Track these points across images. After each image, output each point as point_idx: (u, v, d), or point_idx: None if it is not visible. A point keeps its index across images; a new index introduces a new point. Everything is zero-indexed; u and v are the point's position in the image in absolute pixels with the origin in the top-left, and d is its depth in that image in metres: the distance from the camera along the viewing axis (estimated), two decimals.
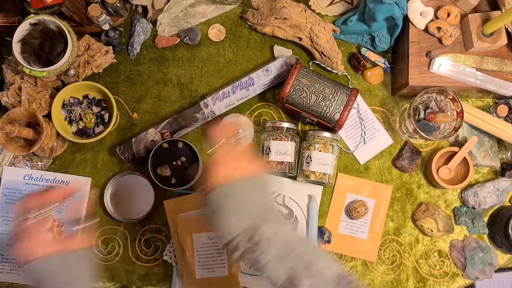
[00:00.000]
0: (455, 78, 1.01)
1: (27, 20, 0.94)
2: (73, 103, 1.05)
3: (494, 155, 1.08)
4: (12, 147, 0.98)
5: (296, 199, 1.06)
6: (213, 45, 1.11)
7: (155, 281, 1.05)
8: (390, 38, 1.07)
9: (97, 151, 1.08)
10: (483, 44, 0.99)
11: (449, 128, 1.01)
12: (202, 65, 1.11)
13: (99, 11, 0.98)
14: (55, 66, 0.95)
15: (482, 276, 1.05)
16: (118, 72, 1.10)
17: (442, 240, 1.08)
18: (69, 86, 1.02)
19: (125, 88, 1.10)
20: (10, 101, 1.02)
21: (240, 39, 1.12)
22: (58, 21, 0.94)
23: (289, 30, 1.07)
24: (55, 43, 0.96)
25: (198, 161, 1.00)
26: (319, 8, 1.09)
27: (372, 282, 1.07)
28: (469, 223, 1.08)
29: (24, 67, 0.94)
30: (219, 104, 1.04)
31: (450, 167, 1.06)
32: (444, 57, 1.01)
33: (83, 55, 1.03)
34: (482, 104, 1.12)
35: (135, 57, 1.10)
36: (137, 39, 1.08)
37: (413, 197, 1.09)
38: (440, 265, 1.08)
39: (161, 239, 1.06)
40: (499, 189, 1.07)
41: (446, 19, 1.01)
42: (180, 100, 1.10)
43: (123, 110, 1.09)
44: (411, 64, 1.01)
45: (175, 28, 1.10)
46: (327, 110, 1.00)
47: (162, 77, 1.10)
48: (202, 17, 1.10)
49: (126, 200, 1.05)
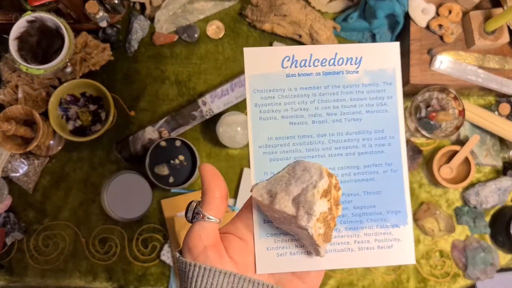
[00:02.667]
0: (457, 76, 1.00)
1: (24, 17, 0.93)
2: (70, 101, 1.05)
3: (496, 154, 1.07)
4: (8, 145, 0.97)
5: None
6: (211, 42, 1.10)
7: (152, 281, 1.04)
8: (391, 36, 1.06)
9: (94, 150, 1.07)
10: (485, 42, 0.98)
11: (451, 127, 1.00)
12: (201, 63, 1.10)
13: (97, 8, 0.97)
14: (52, 63, 0.94)
15: (484, 276, 1.04)
16: (115, 69, 1.09)
17: (443, 240, 1.07)
18: (66, 84, 1.01)
19: (122, 85, 1.09)
20: (6, 99, 1.01)
21: (239, 36, 1.10)
22: (55, 18, 0.93)
23: (288, 27, 1.06)
24: (52, 41, 0.95)
25: (196, 160, 1.00)
26: (319, 5, 1.08)
27: (373, 282, 1.06)
28: (471, 222, 1.07)
29: (21, 64, 0.93)
30: (217, 102, 1.03)
31: (451, 166, 1.05)
32: (446, 55, 1.00)
33: (80, 52, 1.03)
34: (484, 102, 1.11)
35: (133, 54, 1.09)
36: (135, 36, 1.07)
37: (414, 197, 1.08)
38: (441, 265, 1.07)
39: (159, 239, 1.05)
40: (501, 189, 1.06)
41: (447, 17, 1.00)
42: (178, 98, 1.09)
43: (121, 108, 1.08)
44: (412, 62, 1.00)
45: (173, 25, 1.09)
46: None
47: (160, 75, 1.09)
48: (201, 14, 1.09)
49: (123, 199, 1.04)
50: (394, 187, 0.52)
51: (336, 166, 0.51)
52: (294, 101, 0.51)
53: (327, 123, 0.51)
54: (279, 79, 0.50)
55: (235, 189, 1.06)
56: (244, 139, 1.02)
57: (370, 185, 0.52)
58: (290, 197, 0.45)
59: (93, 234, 1.05)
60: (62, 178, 1.06)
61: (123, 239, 1.05)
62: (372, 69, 0.52)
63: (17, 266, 1.05)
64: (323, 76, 0.51)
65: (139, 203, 1.03)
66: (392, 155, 0.52)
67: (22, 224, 1.04)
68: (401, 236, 0.52)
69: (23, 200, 1.06)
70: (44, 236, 1.05)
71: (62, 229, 1.05)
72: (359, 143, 0.52)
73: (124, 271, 1.04)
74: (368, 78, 0.52)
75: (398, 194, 0.52)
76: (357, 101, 0.52)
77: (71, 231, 1.05)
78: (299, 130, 0.51)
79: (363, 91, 0.52)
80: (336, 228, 0.49)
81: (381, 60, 0.52)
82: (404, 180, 0.52)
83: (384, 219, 0.52)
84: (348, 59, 0.52)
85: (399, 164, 0.52)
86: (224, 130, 1.00)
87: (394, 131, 0.52)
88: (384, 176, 0.52)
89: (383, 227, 0.51)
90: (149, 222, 1.05)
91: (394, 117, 0.52)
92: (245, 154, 1.07)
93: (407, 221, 0.51)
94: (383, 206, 0.52)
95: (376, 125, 0.52)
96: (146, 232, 1.05)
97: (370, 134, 0.52)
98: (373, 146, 0.52)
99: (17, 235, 1.03)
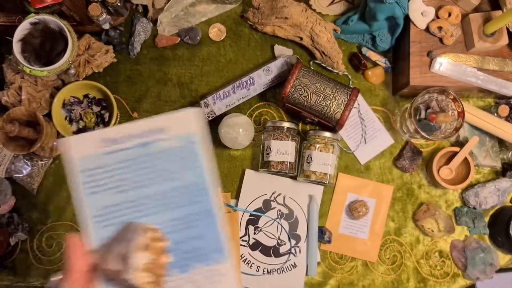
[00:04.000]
0: (456, 78, 1.01)
1: (27, 20, 0.94)
2: (73, 103, 1.05)
3: (495, 155, 1.08)
4: (12, 146, 0.98)
5: (296, 199, 1.06)
6: (213, 45, 1.11)
7: None
8: (391, 38, 1.07)
9: None
10: (484, 44, 0.99)
11: (450, 128, 1.01)
12: (203, 65, 1.11)
13: (100, 10, 0.98)
14: (56, 65, 0.94)
15: (483, 277, 1.05)
16: (118, 71, 1.10)
17: (443, 240, 1.08)
18: (69, 86, 1.02)
19: (125, 87, 1.09)
20: (10, 100, 1.02)
21: (240, 38, 1.11)
22: (58, 21, 0.94)
23: (289, 30, 1.07)
24: (55, 43, 0.96)
25: None
26: (320, 7, 1.09)
27: (373, 282, 1.06)
28: (470, 223, 1.07)
29: (24, 66, 0.94)
30: (219, 104, 1.04)
31: (451, 167, 1.06)
32: (445, 57, 1.00)
33: (83, 54, 1.03)
34: (483, 104, 1.11)
35: (136, 56, 1.10)
36: (138, 39, 1.08)
37: (414, 197, 1.09)
38: (441, 266, 1.08)
39: None
40: (500, 189, 1.07)
41: (447, 19, 1.00)
42: (180, 100, 1.10)
43: (123, 110, 1.09)
44: (412, 64, 1.01)
45: (176, 27, 1.09)
46: (328, 109, 1.00)
47: (162, 77, 1.10)
48: (203, 16, 1.10)
49: None
50: (212, 230, 0.61)
51: (161, 222, 0.60)
52: (116, 174, 0.59)
53: (147, 187, 0.60)
54: (100, 157, 0.59)
55: (237, 189, 1.07)
56: (246, 140, 1.02)
57: (193, 231, 0.61)
58: (117, 256, 0.54)
59: None
60: (65, 179, 1.06)
61: None
62: (181, 134, 0.61)
63: (21, 267, 1.05)
64: (138, 147, 0.60)
65: None
66: (207, 203, 0.61)
67: (25, 225, 1.05)
68: (226, 271, 0.61)
69: (27, 201, 1.06)
70: (48, 237, 1.06)
71: (66, 229, 1.06)
72: (178, 198, 0.61)
73: None
74: (178, 142, 0.61)
75: (217, 235, 0.61)
76: (172, 163, 0.61)
77: (75, 231, 1.06)
78: (125, 197, 0.59)
79: (176, 154, 0.61)
80: (169, 273, 0.58)
81: (187, 126, 0.61)
82: (218, 223, 0.61)
83: (209, 259, 0.61)
84: (159, 130, 0.61)
85: (213, 210, 0.61)
86: (226, 131, 1.01)
87: (205, 181, 0.61)
88: (203, 222, 0.61)
89: (209, 265, 0.61)
90: None
91: (204, 171, 0.61)
92: (247, 155, 1.08)
93: (227, 256, 0.61)
94: (207, 247, 0.61)
95: (191, 180, 0.61)
96: None
97: (186, 189, 0.61)
98: (191, 199, 0.61)
99: (21, 235, 1.04)
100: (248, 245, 1.05)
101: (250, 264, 1.05)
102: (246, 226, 1.06)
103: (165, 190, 0.60)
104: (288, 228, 1.06)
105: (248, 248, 1.05)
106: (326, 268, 1.06)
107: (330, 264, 1.06)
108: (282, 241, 1.05)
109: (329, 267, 1.06)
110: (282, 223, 1.06)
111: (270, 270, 1.05)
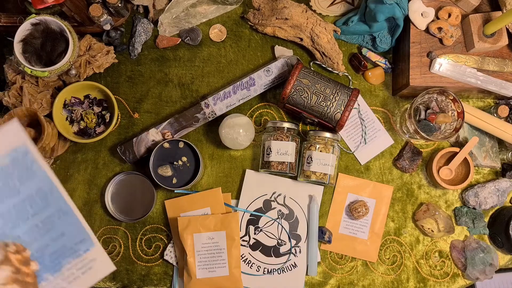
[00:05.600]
0: (456, 79, 1.01)
1: (28, 20, 0.94)
2: (74, 103, 1.06)
3: (494, 155, 1.08)
4: None
5: (296, 200, 1.07)
6: (214, 45, 1.11)
7: (155, 280, 1.06)
8: (391, 39, 1.07)
9: (98, 151, 1.08)
10: (484, 44, 0.99)
11: (450, 129, 1.01)
12: (203, 65, 1.11)
13: (100, 11, 0.98)
14: (57, 66, 0.95)
15: (483, 277, 1.05)
16: (119, 72, 1.10)
17: (442, 240, 1.08)
18: (70, 86, 1.02)
19: (126, 88, 1.10)
20: (11, 101, 1.02)
21: (241, 39, 1.12)
22: (59, 21, 0.94)
23: (290, 31, 1.08)
24: (56, 43, 0.96)
25: (199, 161, 1.01)
26: (320, 8, 1.09)
27: (373, 282, 1.07)
28: (470, 223, 1.08)
29: (25, 67, 0.94)
30: (220, 104, 1.04)
31: (451, 167, 1.06)
32: (445, 57, 1.01)
33: (84, 55, 1.04)
34: (483, 104, 1.12)
35: (136, 57, 1.10)
36: (138, 39, 1.08)
37: (414, 198, 1.09)
38: (441, 266, 1.08)
39: (162, 239, 1.06)
40: (500, 190, 1.07)
41: (447, 20, 1.01)
42: (181, 100, 1.10)
43: (124, 110, 1.09)
44: (412, 65, 1.01)
45: (176, 28, 1.10)
46: (328, 110, 1.00)
47: (163, 77, 1.10)
48: (203, 17, 1.11)
49: (127, 200, 1.05)
50: (71, 223, 0.65)
51: (20, 233, 0.63)
52: None
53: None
54: None
55: (238, 190, 1.08)
56: (246, 141, 1.03)
57: (54, 232, 0.65)
58: None
59: (97, 235, 1.06)
60: (66, 179, 1.07)
61: (127, 239, 1.06)
62: (6, 152, 0.64)
63: None
64: None
65: (142, 204, 1.05)
66: (58, 201, 0.65)
67: None
68: (95, 256, 0.66)
69: None
70: None
71: None
72: (29, 208, 0.64)
73: (127, 271, 1.05)
74: (7, 160, 0.64)
75: (76, 227, 0.66)
76: (10, 179, 0.64)
77: None
78: None
79: (10, 170, 0.64)
80: (42, 279, 0.63)
81: (10, 141, 0.64)
82: (77, 215, 0.66)
83: (76, 251, 0.65)
84: None
85: (67, 206, 0.66)
86: (227, 132, 1.01)
87: (49, 183, 0.65)
88: (61, 220, 0.65)
89: (79, 257, 0.66)
90: (152, 222, 1.06)
91: (45, 174, 0.65)
92: (247, 156, 1.08)
93: (93, 242, 0.66)
94: (70, 242, 0.65)
95: (37, 187, 0.64)
96: (149, 232, 1.06)
97: (33, 197, 0.64)
98: (40, 204, 0.65)
99: None
100: (249, 245, 1.06)
101: (251, 264, 1.05)
102: (246, 226, 1.06)
103: (15, 204, 0.64)
104: (288, 228, 1.06)
105: (249, 248, 1.06)
106: (326, 268, 1.07)
107: (330, 264, 1.07)
108: (282, 241, 1.06)
109: (329, 267, 1.07)
110: (282, 223, 1.06)
111: (270, 270, 1.05)
